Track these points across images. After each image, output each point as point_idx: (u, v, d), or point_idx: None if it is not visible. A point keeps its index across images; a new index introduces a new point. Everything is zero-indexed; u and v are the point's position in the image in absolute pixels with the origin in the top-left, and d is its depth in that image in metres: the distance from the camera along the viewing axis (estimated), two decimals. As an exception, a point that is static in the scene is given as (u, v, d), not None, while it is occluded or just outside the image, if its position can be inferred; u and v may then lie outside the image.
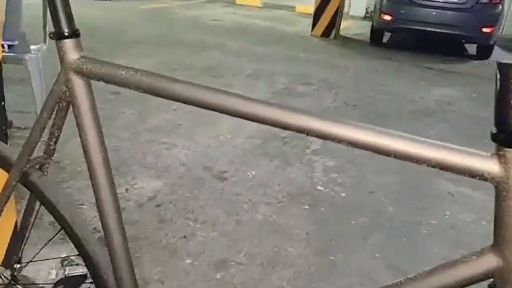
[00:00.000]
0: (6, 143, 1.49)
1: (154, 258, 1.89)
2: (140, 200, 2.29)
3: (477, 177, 0.55)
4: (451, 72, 6.01)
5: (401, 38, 7.97)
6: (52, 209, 0.89)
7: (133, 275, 0.85)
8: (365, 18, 11.21)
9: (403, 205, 2.53)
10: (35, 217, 0.98)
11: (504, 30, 9.25)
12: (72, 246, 0.93)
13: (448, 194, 2.70)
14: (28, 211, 0.98)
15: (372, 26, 7.57)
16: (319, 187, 2.63)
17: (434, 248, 2.15)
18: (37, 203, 0.97)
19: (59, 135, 0.88)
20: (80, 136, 0.79)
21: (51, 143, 0.88)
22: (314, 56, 6.23)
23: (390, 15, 6.84)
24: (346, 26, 8.80)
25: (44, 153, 0.89)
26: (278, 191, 2.53)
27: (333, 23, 7.71)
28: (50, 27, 0.79)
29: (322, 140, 3.31)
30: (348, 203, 2.49)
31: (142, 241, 1.99)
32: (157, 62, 4.90)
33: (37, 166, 0.90)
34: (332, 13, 7.66)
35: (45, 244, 1.19)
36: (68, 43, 0.77)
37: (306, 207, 2.41)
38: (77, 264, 1.76)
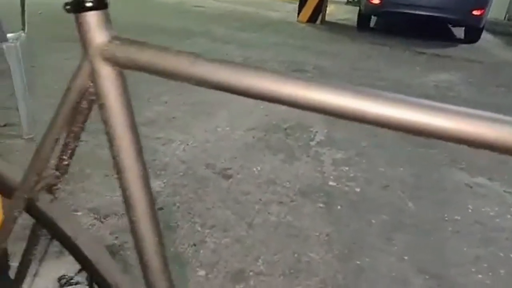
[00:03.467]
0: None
1: (163, 271, 1.67)
2: (140, 204, 2.06)
3: None
4: (443, 56, 5.88)
5: (388, 23, 7.82)
6: (69, 245, 0.67)
7: None
8: (348, 3, 11.05)
9: (421, 200, 2.36)
10: (46, 251, 0.76)
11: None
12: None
13: (466, 186, 2.55)
14: (32, 244, 0.75)
15: (359, 10, 7.38)
16: (331, 183, 2.44)
17: (464, 247, 1.99)
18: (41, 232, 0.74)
19: (76, 146, 0.65)
20: (111, 146, 0.58)
21: (64, 156, 0.65)
22: (302, 42, 6.02)
23: (379, -1, 6.65)
24: (330, 12, 8.60)
25: (56, 169, 0.66)
26: (288, 189, 2.33)
27: (319, 8, 7.51)
28: (30, 13, 0.56)
29: (326, 131, 3.15)
30: (364, 199, 2.31)
31: (147, 251, 1.77)
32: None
33: (45, 187, 0.68)
34: (318, -3, 7.46)
35: None
36: (93, 18, 0.54)
37: (321, 205, 2.22)
38: (76, 283, 1.54)
